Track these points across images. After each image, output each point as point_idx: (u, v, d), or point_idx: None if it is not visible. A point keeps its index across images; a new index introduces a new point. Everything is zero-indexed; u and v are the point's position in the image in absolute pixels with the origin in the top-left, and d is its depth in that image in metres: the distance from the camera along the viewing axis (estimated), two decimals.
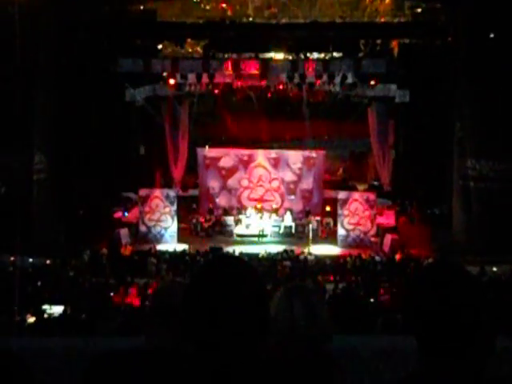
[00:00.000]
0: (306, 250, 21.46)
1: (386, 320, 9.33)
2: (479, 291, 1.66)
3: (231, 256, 1.78)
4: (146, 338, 2.29)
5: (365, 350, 3.43)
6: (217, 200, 25.99)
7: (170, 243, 23.09)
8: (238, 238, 24.02)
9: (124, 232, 22.93)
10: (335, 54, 24.02)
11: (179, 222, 24.18)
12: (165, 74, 23.05)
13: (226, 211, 25.51)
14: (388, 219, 24.09)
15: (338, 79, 23.18)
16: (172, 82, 23.34)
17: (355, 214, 23.51)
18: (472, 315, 1.62)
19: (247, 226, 24.42)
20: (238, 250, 21.40)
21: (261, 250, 21.72)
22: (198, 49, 24.83)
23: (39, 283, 15.37)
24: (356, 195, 24.18)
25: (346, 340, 3.63)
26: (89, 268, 18.75)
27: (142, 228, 23.86)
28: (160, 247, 22.24)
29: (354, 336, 4.31)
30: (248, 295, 1.65)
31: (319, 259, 20.47)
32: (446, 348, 1.62)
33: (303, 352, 2.21)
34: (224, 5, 23.84)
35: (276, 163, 26.03)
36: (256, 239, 23.83)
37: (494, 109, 19.72)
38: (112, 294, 15.09)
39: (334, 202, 24.56)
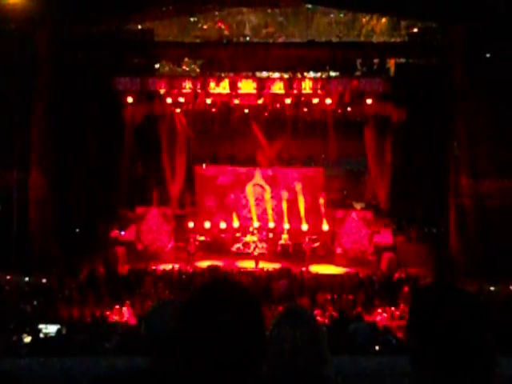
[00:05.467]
0: (303, 269, 21.42)
1: (382, 340, 9.25)
2: (480, 313, 1.66)
3: (227, 279, 1.77)
4: (150, 359, 2.30)
5: (361, 370, 3.42)
6: (214, 218, 25.92)
7: (167, 261, 23.02)
8: (235, 256, 23.95)
9: (121, 250, 22.87)
10: (332, 73, 24.14)
11: (176, 240, 24.14)
12: (162, 92, 23.10)
13: (223, 229, 25.44)
14: (385, 238, 24.03)
15: (334, 98, 23.26)
16: (169, 100, 23.40)
17: (352, 233, 23.52)
18: (473, 337, 1.62)
19: (244, 245, 24.37)
20: (234, 268, 21.34)
21: (257, 268, 21.69)
22: (195, 67, 24.96)
23: (35, 302, 15.30)
24: (353, 214, 24.19)
25: (342, 361, 3.62)
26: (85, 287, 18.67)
27: (139, 246, 23.81)
28: (157, 265, 22.18)
29: (350, 357, 4.30)
30: (244, 319, 1.66)
31: (316, 278, 20.42)
32: (447, 369, 1.62)
33: (301, 374, 2.21)
34: (221, 24, 24.00)
35: (273, 181, 26.01)
36: (253, 257, 23.76)
37: (491, 127, 19.82)
38: (108, 312, 15.04)
39: (331, 221, 24.56)
